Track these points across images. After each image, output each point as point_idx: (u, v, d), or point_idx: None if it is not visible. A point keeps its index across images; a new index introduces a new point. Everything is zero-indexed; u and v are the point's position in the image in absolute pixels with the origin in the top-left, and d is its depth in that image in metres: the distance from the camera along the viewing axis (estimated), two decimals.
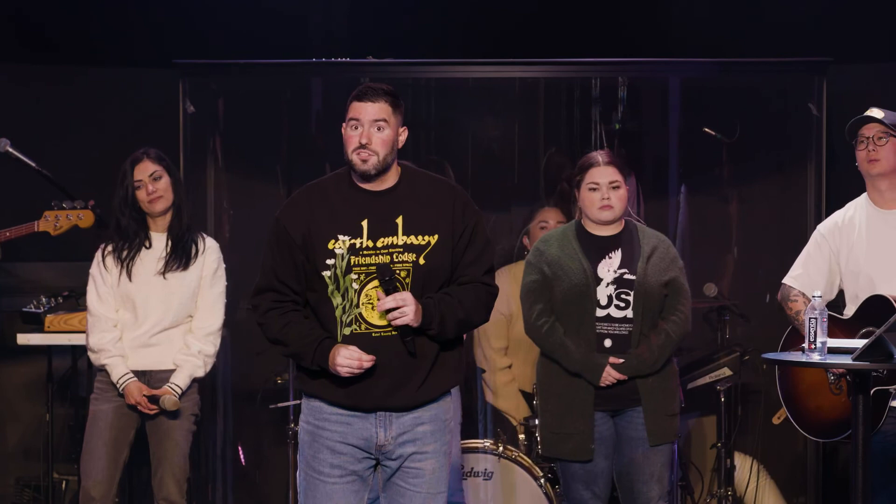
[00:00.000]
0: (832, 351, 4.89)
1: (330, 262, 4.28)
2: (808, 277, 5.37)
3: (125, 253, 5.67)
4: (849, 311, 5.26)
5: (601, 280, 5.34)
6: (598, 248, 5.39)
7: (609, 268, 5.36)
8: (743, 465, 6.73)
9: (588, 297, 5.32)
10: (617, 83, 7.07)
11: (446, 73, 7.11)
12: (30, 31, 7.19)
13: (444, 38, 7.17)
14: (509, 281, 6.72)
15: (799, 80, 6.88)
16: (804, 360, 4.91)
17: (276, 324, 4.35)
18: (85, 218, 6.00)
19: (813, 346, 4.86)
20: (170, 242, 5.69)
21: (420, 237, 4.33)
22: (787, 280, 5.44)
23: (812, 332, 4.84)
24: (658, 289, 5.35)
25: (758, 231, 7.15)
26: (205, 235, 5.81)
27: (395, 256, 4.30)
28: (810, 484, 6.90)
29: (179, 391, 5.63)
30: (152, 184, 5.67)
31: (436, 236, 4.34)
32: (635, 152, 7.14)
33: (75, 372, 6.76)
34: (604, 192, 5.37)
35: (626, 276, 5.34)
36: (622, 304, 5.33)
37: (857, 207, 5.38)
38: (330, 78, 7.10)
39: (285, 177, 7.11)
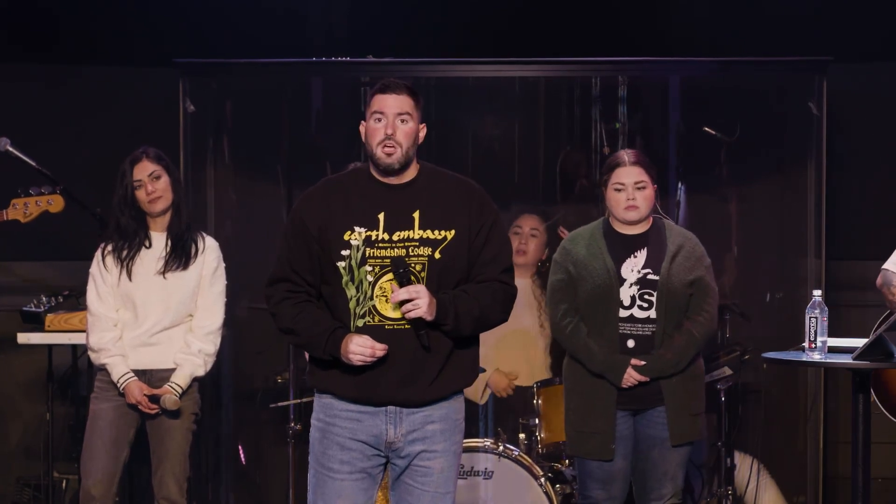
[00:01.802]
0: (833, 350, 4.89)
1: (345, 252, 4.29)
2: None
3: (125, 252, 5.67)
4: None
5: (624, 280, 5.33)
6: (624, 247, 5.38)
7: (633, 268, 5.35)
8: (743, 465, 6.73)
9: (611, 297, 5.31)
10: (617, 82, 7.07)
11: (446, 72, 7.10)
12: (30, 30, 7.18)
13: (445, 37, 7.17)
14: None
15: (799, 79, 6.88)
16: (804, 359, 4.91)
17: (289, 313, 4.36)
18: (55, 203, 5.95)
19: (813, 346, 4.86)
20: (169, 242, 5.68)
21: (437, 232, 4.32)
22: (888, 265, 5.33)
23: (812, 332, 4.84)
24: (682, 289, 5.33)
25: (758, 230, 7.16)
26: (204, 234, 5.80)
27: (410, 250, 4.30)
28: (810, 483, 6.91)
29: (180, 390, 5.63)
30: (152, 183, 5.67)
31: (452, 231, 4.33)
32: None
33: (76, 371, 6.76)
34: (629, 192, 5.36)
35: (650, 277, 5.33)
36: (645, 305, 5.32)
37: None
38: (330, 77, 7.11)
39: (286, 176, 7.11)
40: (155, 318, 5.66)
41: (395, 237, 4.31)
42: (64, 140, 7.09)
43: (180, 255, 5.68)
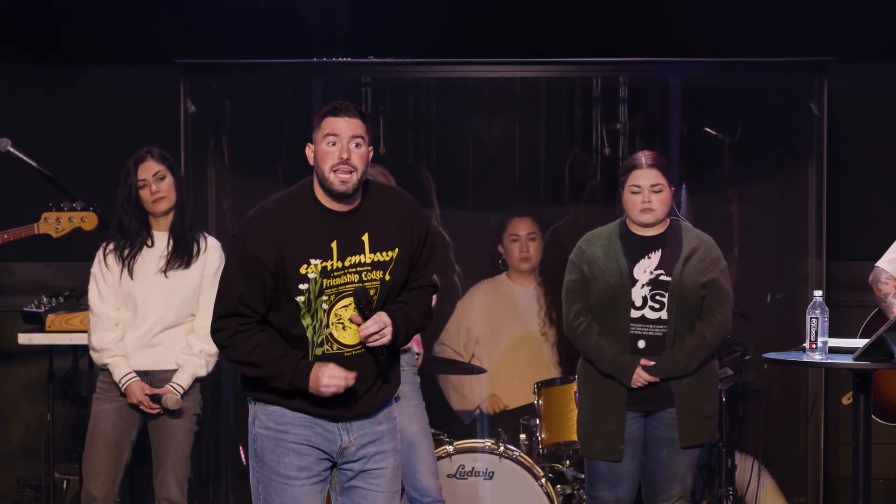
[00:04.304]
0: (834, 350, 4.89)
1: (303, 286, 4.26)
2: None
3: (126, 251, 5.66)
4: None
5: (636, 281, 5.34)
6: (639, 249, 5.38)
7: (646, 269, 5.35)
8: (743, 465, 6.74)
9: (623, 297, 5.31)
10: (618, 83, 7.07)
11: (447, 72, 7.10)
12: (30, 30, 7.18)
13: (445, 37, 7.17)
14: (482, 297, 6.74)
15: (800, 80, 6.88)
16: (805, 359, 4.91)
17: (245, 346, 4.29)
18: (88, 220, 5.98)
19: (814, 346, 4.86)
20: (171, 241, 5.68)
21: (384, 253, 4.33)
22: (880, 263, 5.36)
23: (813, 332, 4.84)
24: (695, 290, 5.32)
25: (758, 230, 7.16)
26: (206, 234, 5.80)
27: (363, 275, 4.30)
28: (811, 483, 6.91)
29: (181, 391, 5.63)
30: (156, 183, 5.66)
31: (396, 250, 4.34)
32: (636, 152, 7.14)
33: (76, 371, 6.76)
34: (645, 195, 5.35)
35: (662, 278, 5.33)
36: (657, 306, 5.32)
37: None
38: (331, 78, 7.10)
39: (286, 177, 7.10)
40: (156, 317, 5.66)
41: (347, 262, 4.29)
42: (64, 140, 7.09)
43: (182, 254, 5.67)
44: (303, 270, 4.26)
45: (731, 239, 7.16)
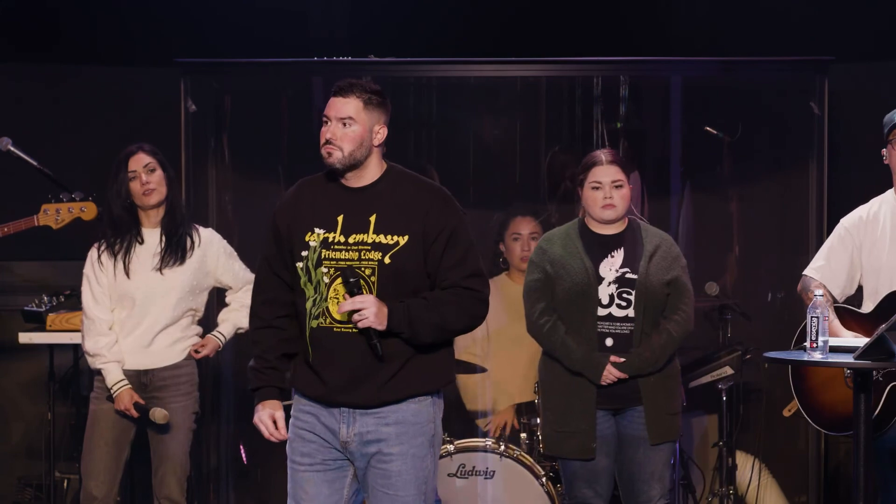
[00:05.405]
0: (834, 350, 4.89)
1: (304, 253, 4.35)
2: (829, 270, 5.35)
3: (118, 246, 5.65)
4: (867, 307, 5.25)
5: (603, 279, 5.36)
6: (600, 247, 5.40)
7: (611, 267, 5.37)
8: (744, 464, 6.74)
9: (589, 296, 5.33)
10: (619, 82, 7.07)
11: (447, 72, 7.11)
12: (30, 30, 7.19)
13: (445, 37, 7.17)
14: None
15: (800, 79, 6.89)
16: (806, 359, 4.91)
17: (253, 334, 4.56)
18: (88, 210, 5.97)
19: (815, 345, 4.85)
20: (163, 238, 5.68)
21: (390, 237, 4.33)
22: (808, 271, 5.42)
23: (813, 331, 4.84)
24: (660, 288, 5.36)
25: (759, 230, 7.16)
26: (199, 227, 5.79)
27: (363, 254, 4.32)
28: (812, 483, 6.91)
29: (223, 340, 5.74)
30: (146, 175, 5.66)
31: (406, 237, 4.33)
32: (637, 151, 7.15)
33: (77, 371, 6.76)
34: (606, 191, 5.38)
35: (628, 276, 5.36)
36: (624, 304, 5.34)
37: (883, 203, 5.41)
38: (331, 77, 7.08)
39: (286, 176, 7.11)
40: (153, 315, 5.66)
41: (350, 240, 4.34)
42: (65, 140, 7.09)
43: (176, 251, 5.67)
44: (306, 238, 4.35)
45: (731, 238, 7.16)
